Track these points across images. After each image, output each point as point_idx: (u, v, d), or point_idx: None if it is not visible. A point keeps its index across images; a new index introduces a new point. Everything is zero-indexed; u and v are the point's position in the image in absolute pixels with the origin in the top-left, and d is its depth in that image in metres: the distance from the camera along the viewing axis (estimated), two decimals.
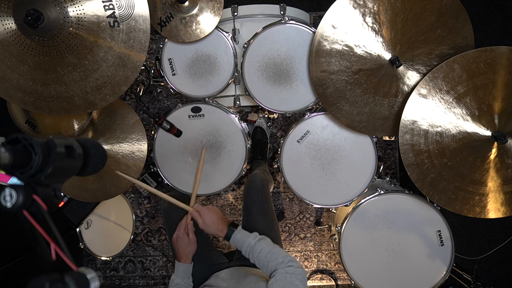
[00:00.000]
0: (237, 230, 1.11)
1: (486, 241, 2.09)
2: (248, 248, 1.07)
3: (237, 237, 1.10)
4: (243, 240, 1.09)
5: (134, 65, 1.10)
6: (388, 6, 1.18)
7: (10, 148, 0.45)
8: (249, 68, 1.39)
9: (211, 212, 1.14)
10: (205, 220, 1.11)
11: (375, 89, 1.28)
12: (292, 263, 1.00)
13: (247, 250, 1.07)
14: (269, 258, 1.02)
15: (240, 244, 1.09)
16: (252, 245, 1.07)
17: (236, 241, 1.10)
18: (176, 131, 1.39)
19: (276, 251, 1.04)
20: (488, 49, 1.14)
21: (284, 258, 1.01)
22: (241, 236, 1.10)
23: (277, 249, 1.06)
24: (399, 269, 1.44)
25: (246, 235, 1.10)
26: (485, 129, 1.18)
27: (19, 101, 1.09)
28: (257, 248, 1.05)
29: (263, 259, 1.03)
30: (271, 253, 1.03)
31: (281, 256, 1.02)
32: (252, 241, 1.07)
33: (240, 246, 1.09)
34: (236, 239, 1.10)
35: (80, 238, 1.69)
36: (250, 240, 1.08)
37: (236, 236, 1.10)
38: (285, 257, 1.01)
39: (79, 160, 0.54)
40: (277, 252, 1.04)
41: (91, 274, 0.43)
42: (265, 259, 1.03)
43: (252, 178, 1.44)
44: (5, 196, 0.44)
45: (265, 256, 1.03)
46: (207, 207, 1.15)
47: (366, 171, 1.45)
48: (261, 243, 1.07)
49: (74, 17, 1.01)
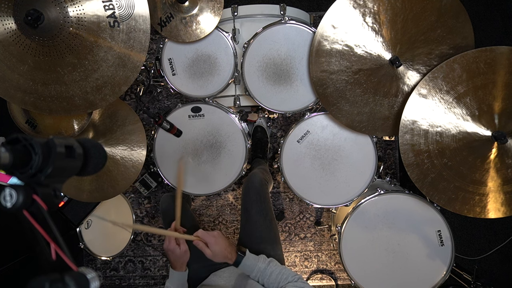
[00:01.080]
0: (246, 256, 1.09)
1: (486, 241, 2.09)
2: (259, 273, 1.07)
3: (247, 262, 1.08)
4: (253, 265, 1.08)
5: (134, 65, 1.10)
6: (388, 6, 1.18)
7: (10, 148, 0.45)
8: (249, 68, 1.39)
9: (219, 240, 1.06)
10: (213, 251, 1.04)
11: (375, 89, 1.28)
12: (301, 280, 1.04)
13: (257, 275, 1.08)
14: (280, 278, 1.05)
15: (250, 270, 1.08)
16: (263, 270, 1.07)
17: (245, 267, 1.08)
18: (176, 131, 1.39)
19: (285, 271, 1.07)
20: (488, 49, 1.14)
21: (294, 277, 1.05)
22: (251, 262, 1.09)
23: (286, 269, 1.08)
24: (399, 269, 1.44)
25: (255, 259, 1.10)
26: (485, 129, 1.18)
27: (19, 101, 1.09)
28: (267, 272, 1.07)
29: (273, 281, 1.05)
30: (281, 274, 1.06)
31: (290, 276, 1.05)
32: (262, 266, 1.08)
33: (250, 272, 1.08)
34: (245, 265, 1.08)
35: (80, 238, 1.69)
36: (260, 265, 1.08)
37: (246, 262, 1.08)
38: (294, 276, 1.05)
39: (79, 160, 0.54)
40: (287, 273, 1.06)
41: (91, 274, 0.43)
42: (275, 280, 1.05)
43: (250, 178, 1.44)
44: (5, 196, 0.44)
45: (275, 278, 1.05)
46: (213, 235, 1.07)
47: (366, 171, 1.45)
48: (271, 267, 1.08)
49: (74, 17, 1.01)
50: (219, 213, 2.18)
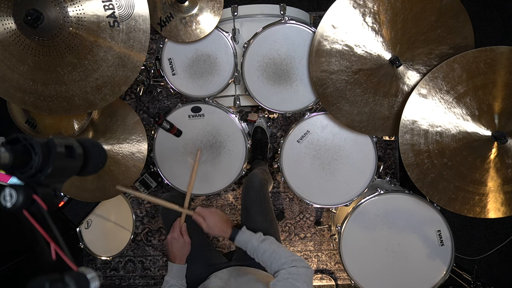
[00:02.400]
0: (242, 231, 1.12)
1: (486, 241, 2.09)
2: (252, 249, 1.08)
3: (242, 238, 1.10)
4: (247, 241, 1.09)
5: (134, 65, 1.10)
6: (388, 6, 1.18)
7: (10, 148, 0.44)
8: (249, 68, 1.39)
9: (215, 214, 1.13)
10: (209, 224, 1.11)
11: (375, 89, 1.28)
12: (295, 263, 0.98)
13: (251, 251, 1.08)
14: (272, 259, 1.02)
15: (245, 245, 1.10)
16: (256, 246, 1.07)
17: (240, 242, 1.11)
18: (176, 131, 1.39)
19: (279, 251, 1.04)
20: (488, 49, 1.14)
21: (287, 258, 1.00)
22: (246, 237, 1.10)
23: (281, 249, 1.05)
24: (399, 269, 1.44)
25: (251, 235, 1.11)
26: (485, 129, 1.18)
27: (19, 101, 1.09)
28: (260, 249, 1.06)
29: (266, 259, 1.04)
30: (274, 253, 1.03)
31: (284, 256, 1.01)
32: (255, 242, 1.08)
33: (245, 247, 1.10)
34: (240, 240, 1.10)
35: (80, 238, 1.69)
36: (254, 241, 1.08)
37: (241, 237, 1.11)
38: (288, 257, 1.00)
39: (79, 160, 0.54)
40: (280, 252, 1.03)
41: (91, 274, 0.43)
42: (269, 260, 1.03)
43: (250, 178, 1.44)
44: (5, 196, 0.44)
45: (269, 257, 1.03)
46: (210, 210, 1.14)
47: (366, 171, 1.45)
48: (265, 244, 1.07)
49: (74, 17, 1.01)
50: None
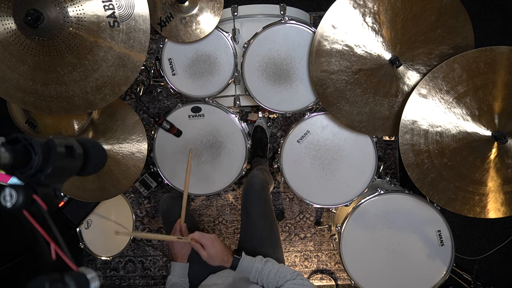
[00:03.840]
0: (242, 257, 1.10)
1: (486, 241, 2.09)
2: (257, 273, 1.07)
3: (244, 264, 1.08)
4: (250, 267, 1.08)
5: (134, 65, 1.10)
6: (388, 6, 1.18)
7: (10, 148, 0.44)
8: (249, 68, 1.39)
9: (215, 242, 1.08)
10: (210, 253, 1.06)
11: (375, 89, 1.28)
12: (300, 277, 1.03)
13: (255, 276, 1.07)
14: (278, 277, 1.04)
15: (248, 271, 1.08)
16: (260, 270, 1.07)
17: (243, 268, 1.08)
18: (176, 131, 1.39)
19: (283, 269, 1.06)
20: (488, 49, 1.14)
21: (292, 274, 1.04)
22: (247, 263, 1.09)
23: (284, 267, 1.08)
24: (399, 269, 1.44)
25: (252, 260, 1.10)
26: (485, 129, 1.18)
27: (19, 101, 1.09)
28: (265, 271, 1.06)
29: (272, 280, 1.05)
30: (279, 272, 1.05)
31: (289, 273, 1.05)
32: (259, 266, 1.08)
33: (248, 273, 1.08)
34: (243, 266, 1.08)
35: (80, 238, 1.69)
36: (257, 265, 1.08)
37: (243, 264, 1.08)
38: (293, 274, 1.04)
39: (79, 160, 0.54)
40: (285, 271, 1.06)
41: (91, 274, 0.43)
42: (274, 279, 1.04)
43: (250, 179, 1.44)
44: (5, 196, 0.44)
45: (274, 276, 1.05)
46: (209, 237, 1.08)
47: (366, 171, 1.45)
48: (268, 266, 1.08)
49: (74, 17, 1.01)
50: (219, 213, 2.18)
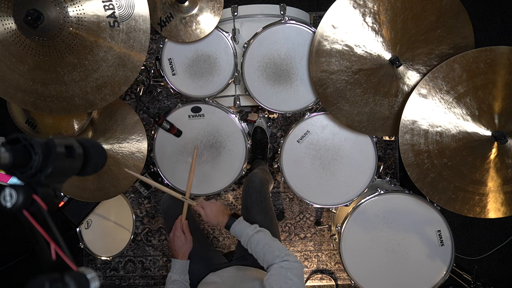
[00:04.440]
0: (238, 220, 1.16)
1: (486, 241, 2.09)
2: (246, 238, 1.10)
3: (237, 227, 1.14)
4: (242, 230, 1.12)
5: (134, 65, 1.10)
6: (388, 6, 1.18)
7: (10, 148, 0.44)
8: (249, 68, 1.39)
9: (213, 205, 1.19)
10: (207, 213, 1.17)
11: (375, 89, 1.28)
12: (288, 257, 0.99)
13: (245, 241, 1.10)
14: (265, 250, 1.03)
15: (240, 234, 1.13)
16: (250, 236, 1.09)
17: (235, 230, 1.14)
18: (176, 131, 1.39)
19: (273, 243, 1.06)
20: (488, 49, 1.14)
21: (280, 251, 1.00)
22: (241, 227, 1.14)
23: (275, 242, 1.07)
24: (399, 269, 1.44)
25: (246, 225, 1.14)
26: (485, 129, 1.18)
27: (19, 101, 1.09)
28: (254, 239, 1.08)
29: (259, 251, 1.05)
30: (268, 245, 1.05)
31: (277, 249, 1.02)
32: (250, 232, 1.10)
33: (239, 236, 1.13)
34: (236, 228, 1.14)
35: (80, 238, 1.69)
36: (249, 231, 1.11)
37: (236, 226, 1.14)
38: (281, 251, 1.01)
39: (79, 160, 0.53)
40: (274, 245, 1.04)
41: (91, 274, 0.43)
42: (262, 251, 1.04)
43: (251, 178, 1.44)
44: (5, 196, 0.44)
45: (262, 248, 1.05)
46: (210, 201, 1.21)
47: (366, 171, 1.45)
48: (259, 235, 1.09)
49: (74, 17, 1.01)
50: None
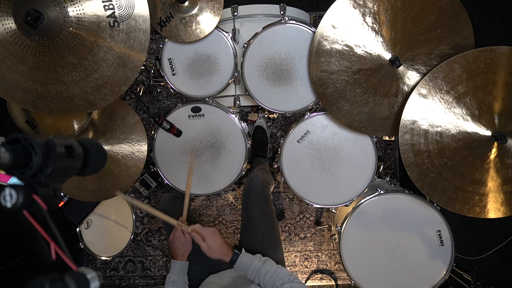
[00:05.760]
0: (242, 253, 1.11)
1: (486, 241, 2.09)
2: (254, 271, 1.08)
3: (243, 260, 1.09)
4: (248, 263, 1.09)
5: (134, 65, 1.10)
6: (388, 6, 1.18)
7: (10, 148, 0.44)
8: (249, 68, 1.39)
9: (216, 235, 1.10)
10: (209, 245, 1.08)
11: (375, 89, 1.28)
12: (297, 280, 1.04)
13: (253, 273, 1.08)
14: (275, 278, 1.05)
15: (246, 268, 1.09)
16: (259, 268, 1.08)
17: (242, 264, 1.09)
18: (176, 131, 1.39)
19: (281, 271, 1.07)
20: (488, 49, 1.14)
21: (289, 276, 1.05)
22: (246, 260, 1.09)
23: (282, 269, 1.09)
24: (399, 269, 1.44)
25: (251, 258, 1.10)
26: (485, 129, 1.18)
27: (19, 101, 1.09)
28: (263, 270, 1.07)
29: (269, 279, 1.06)
30: (276, 273, 1.06)
31: (286, 275, 1.06)
32: (257, 264, 1.08)
33: (246, 270, 1.09)
34: (242, 262, 1.09)
35: (80, 238, 1.69)
36: (256, 263, 1.08)
37: (242, 260, 1.09)
38: (290, 276, 1.05)
39: (79, 160, 0.53)
40: (282, 272, 1.07)
41: (91, 274, 0.43)
42: (271, 279, 1.05)
43: (251, 179, 1.44)
44: (5, 196, 0.44)
45: (271, 276, 1.06)
46: (209, 230, 1.11)
47: (366, 171, 1.45)
48: (267, 265, 1.08)
49: (74, 17, 1.01)
50: (219, 213, 2.18)
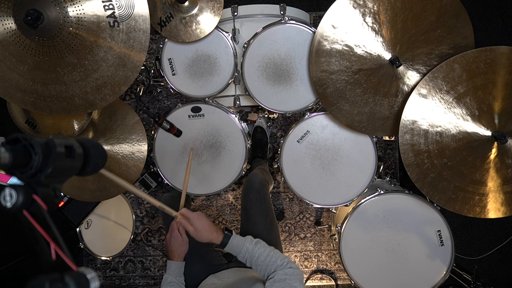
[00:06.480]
0: (233, 235, 1.07)
1: (486, 241, 2.09)
2: (246, 253, 1.04)
3: (234, 242, 1.05)
4: (240, 245, 1.05)
5: (134, 65, 1.10)
6: (388, 6, 1.18)
7: (10, 148, 0.44)
8: (249, 68, 1.39)
9: (202, 217, 1.06)
10: (196, 227, 1.04)
11: (375, 89, 1.28)
12: (290, 265, 1.00)
13: (245, 256, 1.05)
14: (268, 261, 1.01)
15: (237, 250, 1.05)
16: (251, 250, 1.04)
17: (233, 247, 1.05)
18: (176, 131, 1.39)
19: (274, 253, 1.03)
20: (488, 49, 1.14)
21: (283, 260, 1.01)
22: (238, 242, 1.06)
23: (275, 251, 1.05)
24: (399, 269, 1.44)
25: (242, 240, 1.07)
26: (485, 129, 1.18)
27: (19, 101, 1.09)
28: (255, 252, 1.04)
29: (261, 263, 1.02)
30: (269, 256, 1.02)
31: (279, 258, 1.01)
32: (249, 246, 1.04)
33: (237, 252, 1.05)
34: (233, 244, 1.05)
35: (80, 238, 1.69)
36: (248, 245, 1.05)
37: (233, 241, 1.05)
38: (283, 259, 1.01)
39: (79, 160, 0.53)
40: (275, 255, 1.03)
41: (91, 274, 0.43)
42: (264, 263, 1.02)
43: (250, 178, 1.44)
44: (5, 196, 0.44)
45: (264, 260, 1.02)
46: (196, 213, 1.07)
47: (366, 171, 1.45)
48: (259, 247, 1.05)
49: (74, 17, 1.01)
50: (219, 213, 2.18)
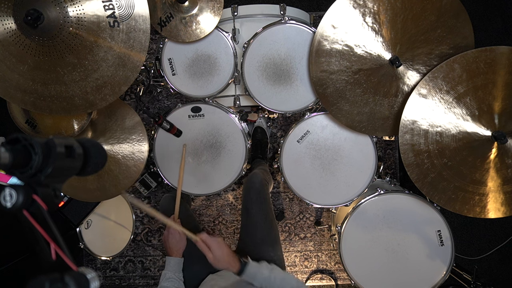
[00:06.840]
0: (249, 263, 1.09)
1: (486, 241, 2.09)
2: (262, 279, 1.07)
3: (250, 270, 1.07)
4: (256, 272, 1.08)
5: (134, 65, 1.10)
6: (388, 6, 1.18)
7: (10, 148, 0.44)
8: (249, 68, 1.39)
9: (222, 246, 1.07)
10: (216, 256, 1.05)
11: (375, 89, 1.28)
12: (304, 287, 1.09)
13: (261, 281, 1.07)
14: (284, 285, 1.06)
15: (254, 277, 1.07)
16: (267, 277, 1.07)
17: (250, 274, 1.07)
18: (176, 131, 1.39)
19: (288, 277, 1.09)
20: (488, 49, 1.14)
21: (297, 283, 1.08)
22: (254, 269, 1.08)
23: (288, 275, 1.11)
24: (399, 269, 1.44)
25: (258, 267, 1.09)
26: (485, 129, 1.18)
27: (19, 101, 1.09)
28: (271, 278, 1.07)
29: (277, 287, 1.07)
30: (284, 280, 1.07)
31: (294, 281, 1.08)
32: (265, 272, 1.07)
33: (253, 279, 1.08)
34: (249, 272, 1.07)
35: (80, 238, 1.69)
36: (264, 272, 1.08)
37: (249, 269, 1.07)
38: (297, 282, 1.08)
39: (79, 160, 0.54)
40: (289, 278, 1.09)
41: (91, 274, 0.43)
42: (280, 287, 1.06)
43: (251, 178, 1.44)
44: (5, 196, 0.44)
45: (280, 284, 1.07)
46: (216, 240, 1.08)
47: (366, 171, 1.45)
48: (274, 273, 1.09)
49: (74, 17, 1.01)
50: (219, 213, 2.18)
